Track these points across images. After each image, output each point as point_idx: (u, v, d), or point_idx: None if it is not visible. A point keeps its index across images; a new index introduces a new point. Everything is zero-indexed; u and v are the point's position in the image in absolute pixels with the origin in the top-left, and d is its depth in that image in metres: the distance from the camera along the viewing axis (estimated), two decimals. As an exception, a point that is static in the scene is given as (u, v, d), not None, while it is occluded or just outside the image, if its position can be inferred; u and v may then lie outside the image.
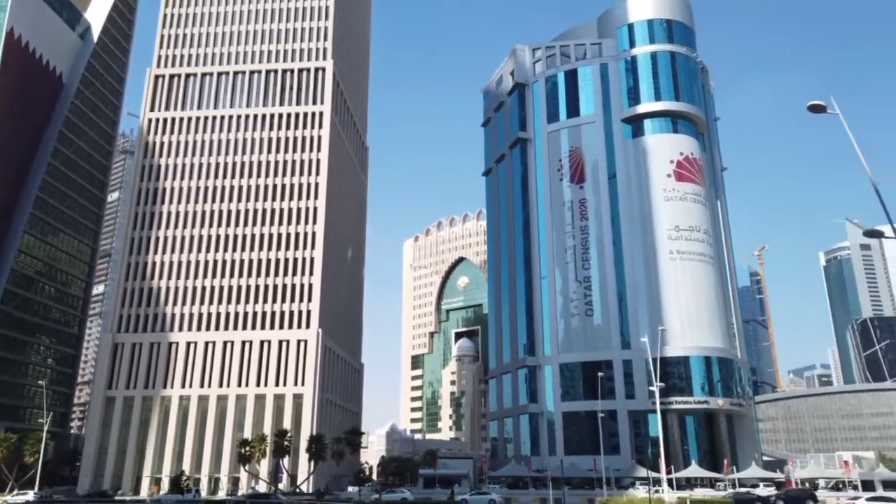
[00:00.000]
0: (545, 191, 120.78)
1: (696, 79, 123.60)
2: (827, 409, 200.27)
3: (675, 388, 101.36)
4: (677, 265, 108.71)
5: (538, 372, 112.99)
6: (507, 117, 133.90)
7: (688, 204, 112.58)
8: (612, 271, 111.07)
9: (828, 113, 26.76)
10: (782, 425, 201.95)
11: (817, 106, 26.56)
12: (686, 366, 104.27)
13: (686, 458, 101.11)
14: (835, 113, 26.90)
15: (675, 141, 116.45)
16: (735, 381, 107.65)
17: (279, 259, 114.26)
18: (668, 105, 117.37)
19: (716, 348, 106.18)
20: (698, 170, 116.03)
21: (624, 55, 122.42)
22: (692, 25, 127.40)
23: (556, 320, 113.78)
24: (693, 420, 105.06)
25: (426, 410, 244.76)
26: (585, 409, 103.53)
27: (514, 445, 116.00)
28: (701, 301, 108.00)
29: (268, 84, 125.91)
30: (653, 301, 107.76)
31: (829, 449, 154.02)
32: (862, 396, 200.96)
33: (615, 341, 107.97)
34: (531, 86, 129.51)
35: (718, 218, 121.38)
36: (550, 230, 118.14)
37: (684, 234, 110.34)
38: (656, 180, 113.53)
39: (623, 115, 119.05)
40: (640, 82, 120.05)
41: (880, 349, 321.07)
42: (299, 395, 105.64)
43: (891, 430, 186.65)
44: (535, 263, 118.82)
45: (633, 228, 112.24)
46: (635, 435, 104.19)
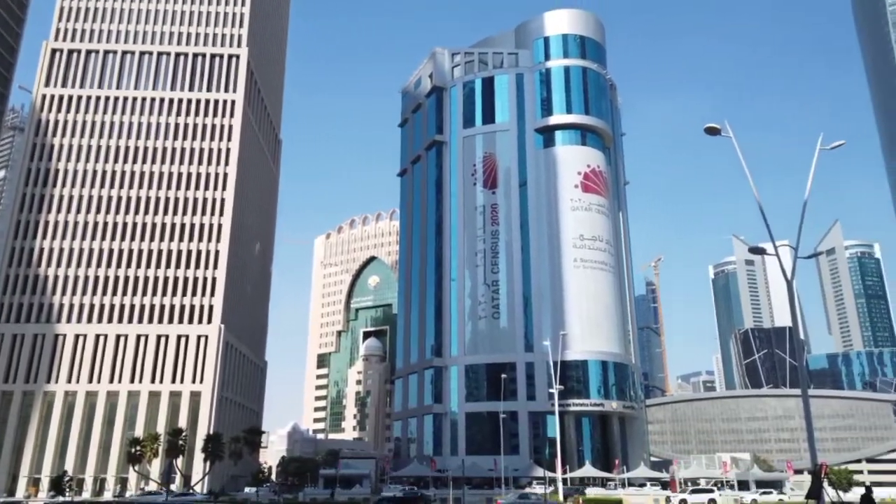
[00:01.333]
0: (459, 194, 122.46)
1: (605, 94, 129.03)
2: (710, 413, 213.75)
3: (574, 391, 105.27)
4: (580, 273, 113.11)
5: (444, 373, 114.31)
6: (425, 119, 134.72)
7: (592, 214, 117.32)
8: (519, 276, 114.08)
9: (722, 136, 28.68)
10: (669, 427, 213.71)
11: (712, 129, 28.37)
12: (584, 369, 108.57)
13: (581, 458, 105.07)
14: (728, 136, 28.80)
15: (584, 153, 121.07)
16: (629, 385, 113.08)
17: (181, 250, 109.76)
18: (578, 118, 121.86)
19: (612, 353, 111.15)
20: (603, 182, 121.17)
21: (539, 67, 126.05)
22: (603, 44, 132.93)
23: (463, 322, 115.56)
24: (588, 421, 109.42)
25: (330, 410, 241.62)
26: (488, 410, 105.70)
27: (417, 445, 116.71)
28: (600, 308, 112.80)
29: (177, 67, 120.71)
30: (556, 306, 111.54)
31: (710, 450, 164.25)
32: (741, 401, 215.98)
33: (519, 344, 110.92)
34: (449, 90, 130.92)
35: (620, 229, 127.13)
36: (462, 233, 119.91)
37: (588, 243, 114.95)
38: (564, 190, 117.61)
39: (536, 124, 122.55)
40: (553, 94, 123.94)
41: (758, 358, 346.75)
42: (197, 392, 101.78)
43: (765, 433, 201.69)
44: (445, 265, 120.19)
45: (540, 235, 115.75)
46: (534, 435, 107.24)
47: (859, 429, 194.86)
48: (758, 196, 28.40)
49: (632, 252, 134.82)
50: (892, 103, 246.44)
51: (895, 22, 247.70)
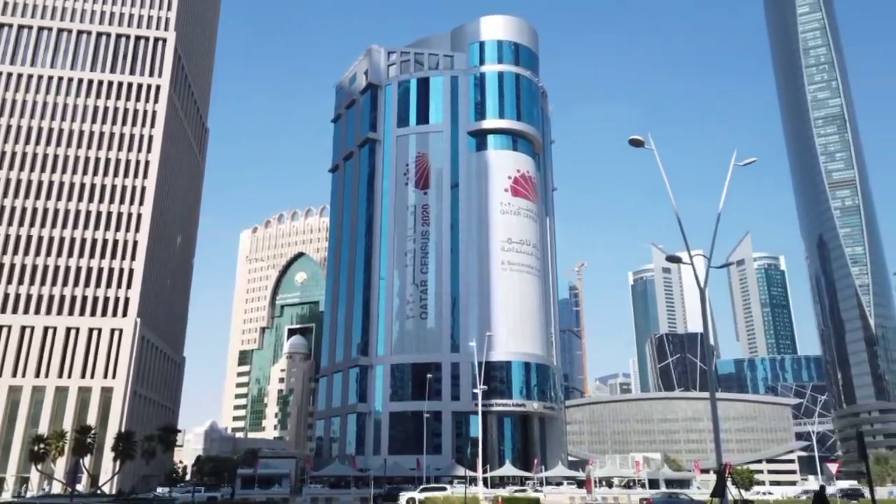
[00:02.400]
0: (390, 193, 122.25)
1: (536, 102, 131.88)
2: (625, 414, 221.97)
3: (497, 391, 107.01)
4: (507, 275, 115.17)
5: (370, 372, 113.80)
6: (359, 116, 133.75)
7: (521, 219, 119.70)
8: (448, 277, 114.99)
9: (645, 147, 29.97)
10: (587, 428, 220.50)
11: (636, 140, 29.62)
12: (508, 370, 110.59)
13: (501, 457, 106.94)
14: (650, 148, 30.15)
15: (514, 158, 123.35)
16: (550, 386, 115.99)
17: (96, 239, 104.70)
18: (510, 124, 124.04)
19: (535, 355, 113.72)
20: (532, 187, 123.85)
21: (474, 70, 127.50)
22: (537, 52, 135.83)
23: (391, 321, 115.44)
24: (510, 421, 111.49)
25: (251, 408, 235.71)
26: (412, 410, 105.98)
27: (339, 445, 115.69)
28: (525, 310, 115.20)
29: (98, 48, 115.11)
30: (483, 308, 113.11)
31: (624, 450, 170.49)
32: (654, 404, 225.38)
33: (446, 344, 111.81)
34: (384, 88, 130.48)
35: (546, 234, 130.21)
36: (393, 232, 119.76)
37: (516, 246, 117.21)
38: (495, 193, 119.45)
39: (469, 127, 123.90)
40: (486, 98, 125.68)
41: (672, 362, 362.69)
42: (109, 388, 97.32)
43: (675, 434, 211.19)
44: (375, 264, 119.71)
45: (470, 237, 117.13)
46: (457, 435, 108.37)
47: (761, 431, 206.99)
48: (676, 207, 29.74)
49: (557, 257, 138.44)
50: (800, 125, 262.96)
51: (805, 49, 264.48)
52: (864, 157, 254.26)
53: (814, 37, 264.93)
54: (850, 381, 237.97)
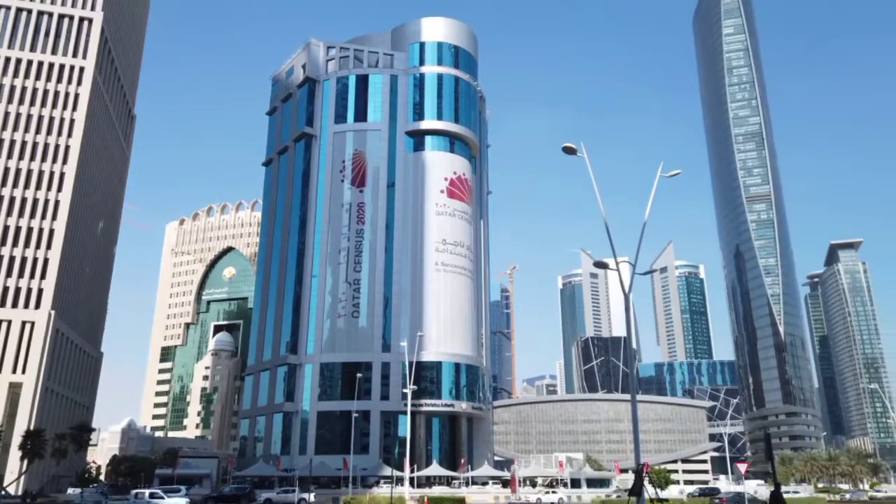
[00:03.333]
0: (325, 190, 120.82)
1: (474, 105, 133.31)
2: (550, 415, 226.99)
3: (427, 391, 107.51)
4: (441, 276, 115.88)
5: (298, 370, 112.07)
6: (295, 110, 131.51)
7: (456, 220, 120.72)
8: (381, 276, 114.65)
9: (577, 155, 30.83)
10: (513, 428, 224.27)
11: (569, 148, 30.38)
12: (438, 370, 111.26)
13: (429, 457, 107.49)
14: (582, 156, 31.01)
15: (451, 160, 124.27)
16: (479, 387, 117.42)
17: (9, 226, 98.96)
18: (448, 125, 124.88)
19: (465, 356, 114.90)
20: (468, 190, 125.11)
21: (414, 71, 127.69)
22: (476, 56, 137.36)
23: (322, 320, 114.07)
24: (439, 421, 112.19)
25: (172, 407, 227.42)
26: (341, 409, 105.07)
27: (264, 444, 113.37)
28: (457, 311, 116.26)
29: (17, 23, 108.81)
30: (415, 308, 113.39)
31: (549, 450, 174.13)
32: (578, 405, 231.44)
33: (377, 344, 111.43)
34: (322, 83, 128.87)
35: (480, 236, 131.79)
36: (326, 230, 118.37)
37: (450, 247, 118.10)
38: (431, 194, 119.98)
39: (407, 127, 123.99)
40: (425, 99, 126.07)
41: (596, 364, 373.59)
42: (17, 383, 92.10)
43: (597, 434, 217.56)
44: (307, 261, 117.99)
45: (405, 237, 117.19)
46: (385, 435, 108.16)
47: (677, 432, 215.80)
48: (604, 214, 30.67)
49: (490, 259, 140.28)
50: (722, 140, 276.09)
51: (729, 68, 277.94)
52: (778, 173, 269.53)
53: (737, 57, 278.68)
54: (760, 386, 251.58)
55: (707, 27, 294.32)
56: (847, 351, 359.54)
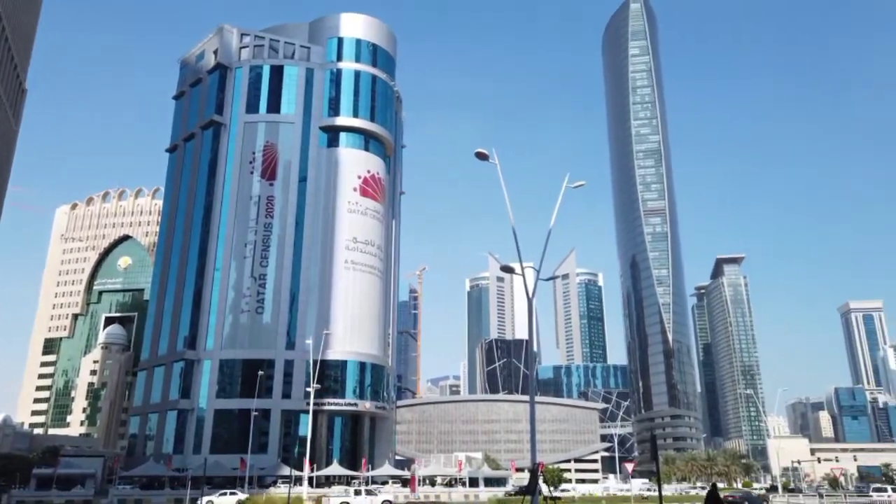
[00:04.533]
0: (233, 181, 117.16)
1: (391, 105, 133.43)
2: (452, 415, 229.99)
3: (331, 390, 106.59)
4: (350, 274, 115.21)
5: (196, 366, 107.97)
6: (204, 96, 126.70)
7: (367, 219, 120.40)
8: (288, 272, 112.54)
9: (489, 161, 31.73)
10: (415, 428, 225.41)
11: (481, 153, 31.28)
12: (343, 369, 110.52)
13: (329, 456, 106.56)
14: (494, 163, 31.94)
15: (365, 158, 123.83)
16: (383, 387, 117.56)
17: None
18: (363, 123, 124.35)
19: (371, 355, 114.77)
20: (381, 189, 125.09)
21: (331, 66, 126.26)
22: (395, 56, 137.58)
23: (223, 315, 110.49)
24: (341, 421, 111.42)
25: (55, 402, 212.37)
26: (240, 407, 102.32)
27: (155, 443, 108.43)
28: (365, 310, 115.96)
29: None
30: (323, 306, 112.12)
31: (449, 450, 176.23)
32: (479, 405, 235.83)
33: (281, 341, 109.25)
34: (234, 70, 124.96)
35: (391, 236, 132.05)
36: (233, 222, 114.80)
37: (360, 246, 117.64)
38: (343, 191, 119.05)
39: (322, 122, 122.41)
40: (341, 95, 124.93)
41: (498, 366, 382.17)
42: None
43: (496, 434, 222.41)
44: (210, 253, 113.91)
45: (315, 233, 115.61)
46: (285, 434, 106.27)
47: (572, 432, 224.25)
48: (513, 220, 31.68)
49: (400, 259, 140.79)
50: (624, 156, 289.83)
51: (633, 87, 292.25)
52: (674, 189, 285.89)
53: (641, 77, 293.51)
54: (649, 389, 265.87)
55: (615, 46, 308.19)
56: (727, 358, 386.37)
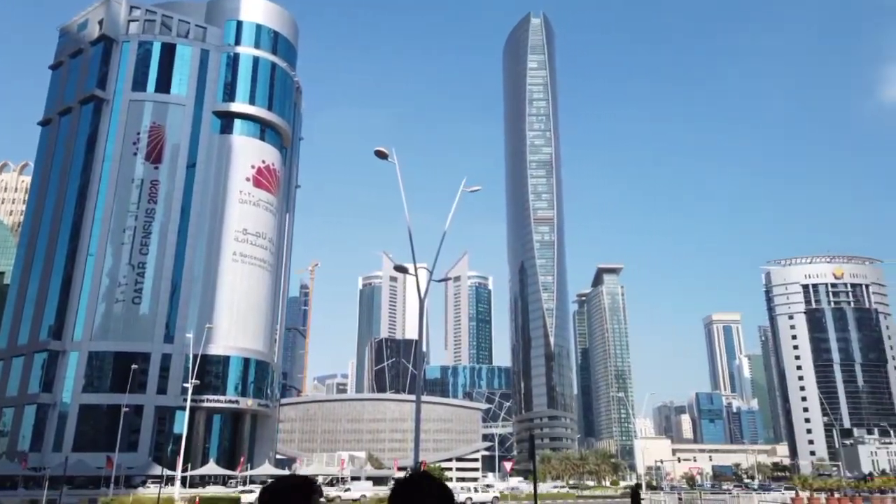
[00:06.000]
0: (114, 161, 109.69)
1: (290, 95, 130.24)
2: (337, 414, 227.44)
3: (211, 387, 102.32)
4: (238, 267, 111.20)
5: (61, 358, 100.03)
6: (85, 68, 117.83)
7: (260, 210, 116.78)
8: (171, 261, 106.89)
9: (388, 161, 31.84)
10: (299, 426, 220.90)
11: (381, 152, 31.25)
12: (225, 365, 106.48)
13: (206, 455, 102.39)
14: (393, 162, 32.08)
15: (260, 148, 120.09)
16: (267, 384, 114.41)
17: None
18: (260, 111, 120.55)
19: (256, 351, 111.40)
20: (276, 181, 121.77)
21: (228, 49, 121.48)
22: (296, 46, 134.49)
23: (95, 304, 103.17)
24: (220, 418, 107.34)
25: None
26: (109, 403, 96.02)
27: (9, 440, 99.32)
28: (252, 305, 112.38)
29: None
30: (207, 298, 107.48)
31: (333, 449, 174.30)
32: (365, 404, 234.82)
33: (159, 334, 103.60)
34: (121, 44, 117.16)
35: (284, 229, 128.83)
36: (111, 205, 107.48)
37: (251, 238, 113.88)
38: (235, 181, 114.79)
39: (216, 107, 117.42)
40: (238, 81, 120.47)
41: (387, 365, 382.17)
42: None
43: (381, 433, 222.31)
44: (84, 238, 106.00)
45: (202, 222, 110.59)
46: (158, 431, 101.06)
47: (455, 432, 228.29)
48: (409, 221, 32.03)
49: (292, 254, 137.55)
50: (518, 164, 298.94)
51: (530, 99, 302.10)
52: (562, 199, 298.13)
53: (538, 90, 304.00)
54: (530, 391, 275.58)
55: (515, 58, 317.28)
56: (603, 363, 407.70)
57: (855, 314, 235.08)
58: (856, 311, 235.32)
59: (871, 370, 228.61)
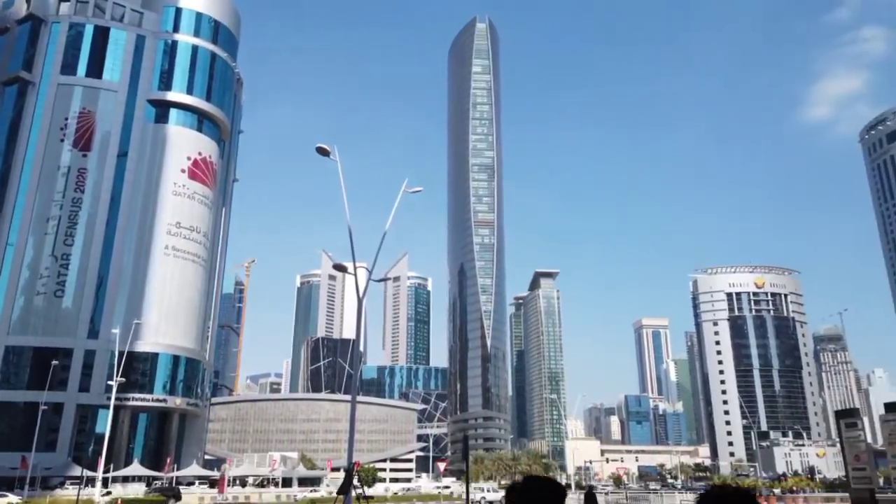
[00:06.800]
0: (39, 147, 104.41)
1: (230, 87, 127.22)
2: (270, 414, 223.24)
3: (137, 384, 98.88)
4: (170, 261, 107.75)
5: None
6: (10, 48, 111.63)
7: (195, 204, 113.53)
8: (98, 254, 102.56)
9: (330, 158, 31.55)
10: (230, 426, 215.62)
11: (323, 149, 30.86)
12: (154, 362, 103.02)
13: (129, 456, 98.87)
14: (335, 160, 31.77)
15: (197, 139, 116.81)
16: (197, 383, 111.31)
17: None
18: (198, 102, 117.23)
19: (187, 349, 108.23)
20: (213, 174, 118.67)
21: (166, 36, 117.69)
22: (238, 37, 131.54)
23: (13, 296, 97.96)
24: (146, 418, 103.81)
25: None
26: (26, 400, 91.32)
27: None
28: (184, 301, 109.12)
29: None
30: (136, 293, 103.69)
31: (265, 449, 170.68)
32: (299, 404, 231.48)
33: (83, 329, 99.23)
34: (50, 24, 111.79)
35: (220, 224, 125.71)
36: (34, 193, 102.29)
37: (185, 232, 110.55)
38: (170, 172, 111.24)
39: (151, 95, 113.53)
40: (175, 69, 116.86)
41: (323, 365, 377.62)
42: None
43: (315, 434, 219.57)
44: (3, 227, 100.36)
45: (133, 213, 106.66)
46: (79, 431, 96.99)
47: (390, 432, 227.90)
48: (349, 219, 31.84)
49: (228, 250, 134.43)
50: (460, 167, 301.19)
51: (474, 103, 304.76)
52: (503, 203, 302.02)
53: (482, 94, 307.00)
54: (465, 392, 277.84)
55: (460, 62, 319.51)
56: (537, 365, 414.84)
57: (774, 322, 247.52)
58: (775, 320, 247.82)
59: (787, 375, 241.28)
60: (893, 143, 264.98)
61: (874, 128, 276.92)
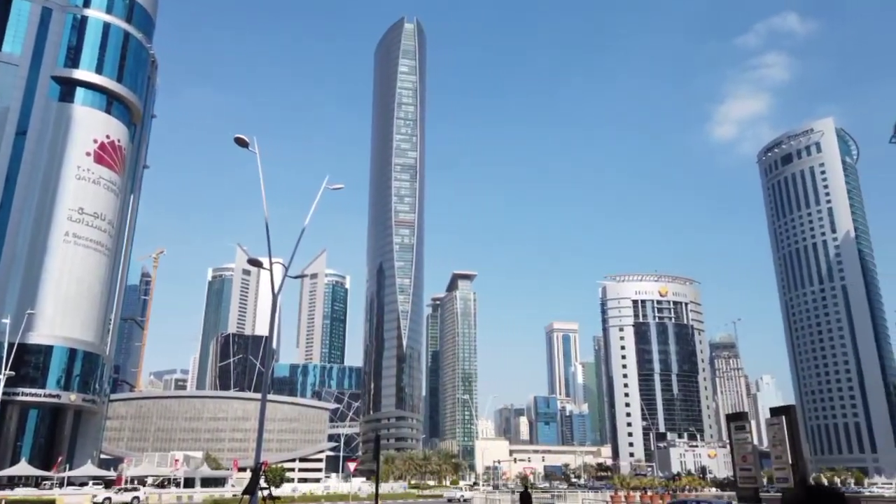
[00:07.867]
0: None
1: (144, 69, 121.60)
2: (174, 412, 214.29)
3: (28, 379, 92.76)
4: (71, 249, 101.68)
5: None
6: None
7: (100, 189, 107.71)
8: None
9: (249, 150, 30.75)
10: (129, 424, 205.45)
11: (241, 140, 30.00)
12: (48, 356, 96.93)
13: (17, 454, 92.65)
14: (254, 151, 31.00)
15: (105, 122, 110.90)
16: (95, 378, 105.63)
17: None
18: (107, 82, 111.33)
19: (85, 342, 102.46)
20: (121, 158, 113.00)
21: (75, 10, 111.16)
22: (154, 17, 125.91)
23: None
24: (37, 414, 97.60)
25: None
26: None
27: None
28: (84, 291, 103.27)
29: None
30: (30, 281, 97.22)
31: (168, 448, 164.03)
32: (206, 402, 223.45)
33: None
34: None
35: (128, 212, 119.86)
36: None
37: (88, 218, 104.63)
38: (73, 155, 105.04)
39: (55, 72, 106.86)
40: (84, 46, 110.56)
41: (233, 362, 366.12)
42: None
43: (222, 433, 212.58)
44: None
45: (30, 196, 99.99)
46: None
47: (301, 432, 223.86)
48: (267, 213, 31.28)
49: (135, 239, 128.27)
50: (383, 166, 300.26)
51: (399, 103, 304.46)
52: (424, 204, 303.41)
53: (407, 95, 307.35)
54: (379, 391, 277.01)
55: (386, 61, 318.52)
56: (451, 366, 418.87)
57: (675, 329, 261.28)
58: (675, 327, 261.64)
59: (684, 380, 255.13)
60: (787, 166, 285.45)
61: (771, 150, 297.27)
